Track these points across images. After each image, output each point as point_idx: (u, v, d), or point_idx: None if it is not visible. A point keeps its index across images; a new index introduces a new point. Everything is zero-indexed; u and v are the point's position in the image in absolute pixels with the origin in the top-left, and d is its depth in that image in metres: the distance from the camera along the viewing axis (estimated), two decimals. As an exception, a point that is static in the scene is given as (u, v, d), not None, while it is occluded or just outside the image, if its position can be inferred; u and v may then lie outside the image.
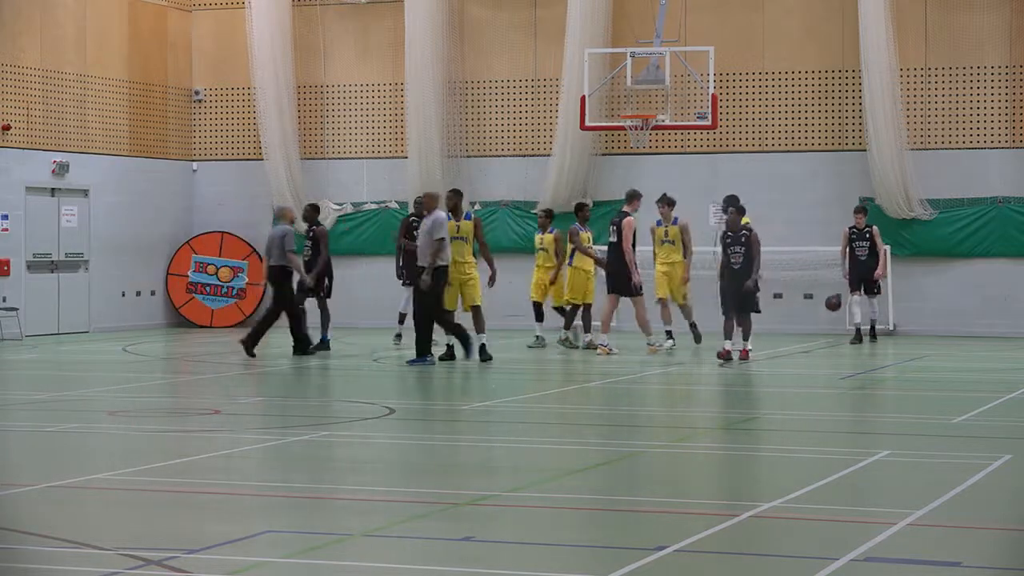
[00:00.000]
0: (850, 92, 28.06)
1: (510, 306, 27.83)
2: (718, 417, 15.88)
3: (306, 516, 10.15)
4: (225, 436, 14.12)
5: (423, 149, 29.39)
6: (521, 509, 10.33)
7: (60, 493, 10.82)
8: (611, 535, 9.48)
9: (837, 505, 10.46)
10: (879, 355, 23.19)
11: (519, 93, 29.66)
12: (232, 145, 31.29)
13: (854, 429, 15.05)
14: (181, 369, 21.39)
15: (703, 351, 22.91)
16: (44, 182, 27.74)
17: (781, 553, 8.96)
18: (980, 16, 27.47)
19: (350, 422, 15.08)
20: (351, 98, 30.59)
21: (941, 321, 27.56)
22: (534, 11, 29.50)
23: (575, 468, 12.20)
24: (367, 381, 20.33)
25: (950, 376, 20.26)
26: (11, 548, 8.94)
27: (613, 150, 29.17)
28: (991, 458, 12.16)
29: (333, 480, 11.63)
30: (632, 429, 15.20)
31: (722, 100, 27.28)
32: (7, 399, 17.65)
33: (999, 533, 9.57)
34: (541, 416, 16.00)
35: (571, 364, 21.93)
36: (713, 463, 12.73)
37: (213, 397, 18.02)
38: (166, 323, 30.50)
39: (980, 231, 27.44)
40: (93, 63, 28.87)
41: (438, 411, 16.39)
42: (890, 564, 8.48)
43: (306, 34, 30.67)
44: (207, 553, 8.66)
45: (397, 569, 8.44)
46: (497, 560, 8.79)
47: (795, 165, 28.16)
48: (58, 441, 13.82)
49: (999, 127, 27.56)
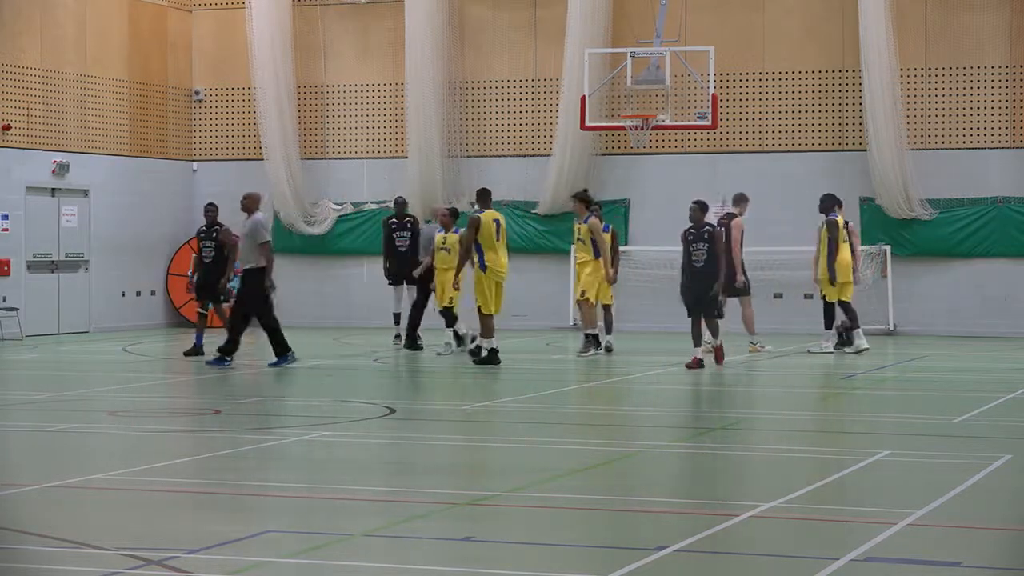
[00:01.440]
0: (850, 92, 28.06)
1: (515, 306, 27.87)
2: (718, 417, 15.88)
3: (306, 516, 10.15)
4: (225, 436, 14.12)
5: (423, 149, 29.39)
6: (521, 509, 10.33)
7: (60, 493, 10.82)
8: (611, 535, 9.48)
9: (837, 505, 10.46)
10: (879, 355, 23.19)
11: (519, 93, 29.67)
12: (232, 145, 31.29)
13: (854, 429, 15.04)
14: (181, 369, 21.39)
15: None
16: (44, 182, 27.74)
17: (781, 553, 8.96)
18: (980, 16, 27.47)
19: (350, 422, 15.08)
20: (351, 98, 30.60)
21: (941, 321, 27.56)
22: (534, 11, 29.50)
23: (575, 468, 12.20)
24: (367, 381, 20.33)
25: (950, 376, 20.26)
26: (11, 548, 8.94)
27: (613, 150, 29.18)
28: (991, 458, 12.16)
29: (333, 480, 11.63)
30: (632, 429, 15.21)
31: (722, 100, 27.28)
32: (7, 399, 17.65)
33: (999, 533, 9.57)
34: (541, 416, 16.00)
35: (571, 364, 21.92)
36: (713, 463, 12.73)
37: (213, 397, 18.02)
38: (166, 323, 30.51)
39: (980, 231, 27.44)
40: (93, 63, 28.87)
41: (438, 411, 16.39)
42: (890, 564, 8.48)
43: (306, 34, 30.68)
44: (207, 553, 8.66)
45: (397, 569, 8.43)
46: (497, 560, 8.79)
47: (795, 165, 28.16)
48: (58, 441, 13.82)
49: (999, 127, 27.56)
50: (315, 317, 30.24)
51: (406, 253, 24.61)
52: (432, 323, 24.01)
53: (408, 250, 24.61)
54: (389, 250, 24.73)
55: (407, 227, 24.83)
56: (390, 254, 24.71)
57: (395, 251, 24.64)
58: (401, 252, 24.62)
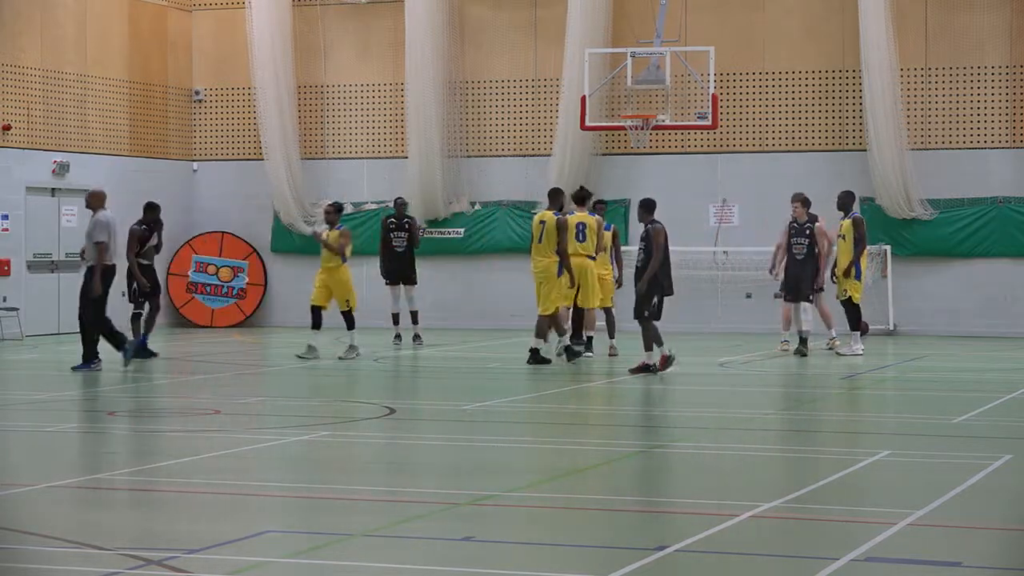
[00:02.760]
0: (850, 92, 28.06)
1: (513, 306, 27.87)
2: (718, 417, 15.88)
3: (306, 516, 10.15)
4: (225, 436, 14.11)
5: (423, 149, 29.39)
6: (521, 509, 10.33)
7: (60, 493, 10.82)
8: (611, 535, 9.48)
9: (837, 505, 10.46)
10: (879, 355, 23.18)
11: (519, 93, 29.66)
12: (232, 145, 31.29)
13: (854, 429, 15.04)
14: (181, 369, 21.38)
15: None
16: (44, 182, 27.74)
17: (781, 553, 8.95)
18: (980, 16, 27.47)
19: (350, 422, 15.08)
20: (351, 98, 30.60)
21: (941, 321, 27.56)
22: (534, 11, 29.49)
23: (575, 468, 12.20)
24: (367, 381, 20.33)
25: (950, 376, 20.26)
26: (11, 548, 8.94)
27: (613, 150, 29.17)
28: (991, 458, 12.16)
29: (333, 480, 11.63)
30: (632, 429, 15.21)
31: (722, 100, 27.28)
32: (7, 399, 17.65)
33: (999, 533, 9.56)
34: (541, 416, 16.00)
35: (571, 364, 21.92)
36: (713, 463, 12.72)
37: (213, 397, 18.01)
38: (166, 323, 30.48)
39: (980, 231, 27.44)
40: (93, 63, 28.87)
41: (438, 411, 16.39)
42: (890, 564, 8.48)
43: (306, 34, 30.68)
44: (207, 553, 8.66)
45: (397, 569, 8.43)
46: (497, 560, 8.78)
47: (795, 165, 28.15)
48: (58, 441, 13.82)
49: (999, 127, 27.56)
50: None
51: (403, 253, 24.70)
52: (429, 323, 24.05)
53: (405, 250, 24.71)
54: (385, 250, 24.83)
55: (405, 227, 24.90)
56: (387, 254, 24.80)
57: (392, 251, 24.73)
58: (398, 252, 24.71)
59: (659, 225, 19.53)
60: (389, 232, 24.79)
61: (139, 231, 22.47)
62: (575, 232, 21.12)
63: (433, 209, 29.53)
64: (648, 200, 19.94)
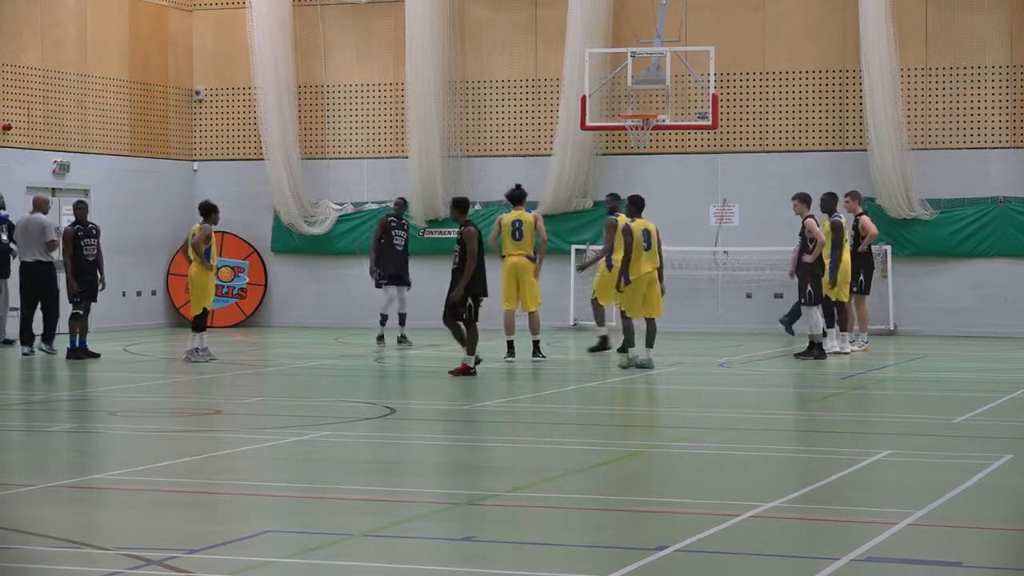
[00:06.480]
0: (850, 92, 28.07)
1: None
2: (718, 417, 15.88)
3: (306, 516, 10.16)
4: (225, 436, 14.12)
5: (423, 149, 29.39)
6: (521, 509, 10.33)
7: (60, 493, 10.82)
8: (611, 535, 9.48)
9: (837, 505, 10.46)
10: (879, 355, 23.18)
11: (519, 93, 29.67)
12: (233, 145, 31.29)
13: (854, 429, 15.05)
14: (182, 369, 21.39)
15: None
16: (45, 182, 27.73)
17: (781, 553, 8.96)
18: (981, 16, 27.47)
19: (350, 422, 15.08)
20: (351, 98, 30.60)
21: (941, 321, 27.56)
22: (534, 11, 29.50)
23: (575, 468, 12.20)
24: (367, 381, 20.34)
25: (950, 376, 20.26)
26: (11, 548, 8.94)
27: (613, 150, 29.18)
28: (991, 458, 12.16)
29: (333, 480, 11.63)
30: (632, 429, 15.21)
31: (722, 100, 27.29)
32: (7, 399, 17.65)
33: (999, 533, 9.57)
34: (541, 416, 16.01)
35: (571, 365, 21.92)
36: (713, 463, 12.73)
37: (213, 397, 18.03)
38: (166, 323, 30.51)
39: (981, 231, 27.44)
40: (93, 63, 28.87)
41: (438, 411, 16.39)
42: (890, 564, 8.48)
43: (306, 34, 30.69)
44: (207, 553, 8.66)
45: (397, 569, 8.43)
46: (497, 560, 8.79)
47: (795, 165, 28.15)
48: (58, 441, 13.82)
49: (1000, 127, 27.56)
50: (315, 317, 30.26)
51: (402, 252, 24.70)
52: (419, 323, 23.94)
53: (404, 250, 24.71)
54: (382, 248, 24.67)
55: (404, 227, 24.91)
56: (384, 252, 24.65)
57: (392, 249, 24.68)
58: (398, 251, 24.69)
59: (472, 228, 19.19)
60: (390, 231, 24.74)
61: (72, 231, 22.42)
62: (511, 231, 21.33)
63: (433, 209, 29.53)
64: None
